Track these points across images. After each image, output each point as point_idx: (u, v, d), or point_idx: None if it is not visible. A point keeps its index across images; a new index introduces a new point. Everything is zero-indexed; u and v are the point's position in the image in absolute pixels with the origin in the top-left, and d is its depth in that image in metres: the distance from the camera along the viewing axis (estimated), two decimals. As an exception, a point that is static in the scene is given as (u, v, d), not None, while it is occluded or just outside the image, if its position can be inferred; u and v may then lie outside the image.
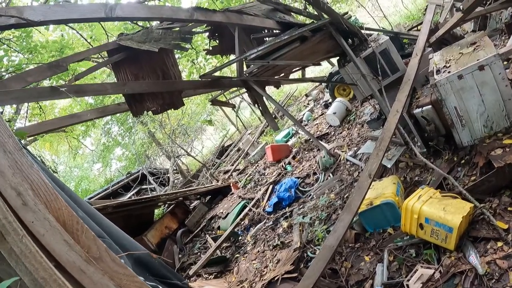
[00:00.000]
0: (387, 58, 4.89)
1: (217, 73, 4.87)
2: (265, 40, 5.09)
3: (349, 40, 5.22)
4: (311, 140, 8.10)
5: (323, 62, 8.77)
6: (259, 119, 15.29)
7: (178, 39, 3.96)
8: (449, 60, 3.95)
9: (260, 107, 5.50)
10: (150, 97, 4.13)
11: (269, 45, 4.30)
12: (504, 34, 5.82)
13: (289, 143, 9.28)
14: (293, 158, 8.27)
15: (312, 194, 6.20)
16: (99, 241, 1.15)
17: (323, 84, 10.63)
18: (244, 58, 4.38)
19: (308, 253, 4.53)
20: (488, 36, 4.34)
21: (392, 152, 5.10)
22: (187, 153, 13.59)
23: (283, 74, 5.80)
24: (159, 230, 7.65)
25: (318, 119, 9.88)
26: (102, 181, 17.39)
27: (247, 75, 4.97)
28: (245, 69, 5.00)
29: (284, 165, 8.17)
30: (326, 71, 11.23)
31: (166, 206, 9.23)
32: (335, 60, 6.88)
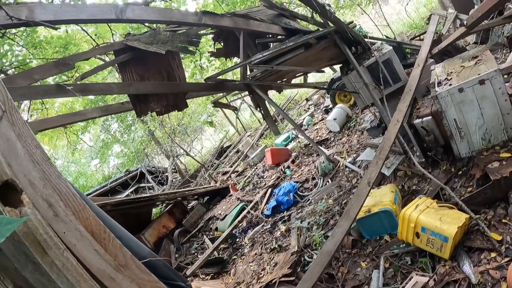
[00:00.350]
0: (389, 68, 4.95)
1: (221, 76, 4.93)
2: (270, 45, 5.15)
3: (352, 48, 5.28)
4: (310, 145, 8.13)
5: (325, 68, 8.82)
6: (259, 121, 15.32)
7: (185, 42, 4.01)
8: (451, 72, 4.02)
9: (262, 111, 5.56)
10: (154, 98, 4.17)
11: (274, 50, 4.36)
12: (506, 48, 5.91)
13: (289, 147, 9.30)
14: (292, 162, 8.29)
15: (310, 199, 6.24)
16: (124, 248, 1.19)
17: (324, 89, 10.67)
18: (249, 62, 4.44)
19: (306, 257, 4.58)
20: (490, 50, 4.41)
21: (391, 160, 5.15)
22: (186, 153, 13.59)
23: (285, 79, 5.85)
24: (156, 229, 7.66)
25: (318, 124, 9.90)
26: (99, 178, 17.34)
27: (250, 79, 5.02)
28: (248, 73, 5.06)
29: (283, 169, 8.20)
30: (328, 77, 11.26)
31: (164, 205, 9.25)
32: (337, 66, 6.92)
